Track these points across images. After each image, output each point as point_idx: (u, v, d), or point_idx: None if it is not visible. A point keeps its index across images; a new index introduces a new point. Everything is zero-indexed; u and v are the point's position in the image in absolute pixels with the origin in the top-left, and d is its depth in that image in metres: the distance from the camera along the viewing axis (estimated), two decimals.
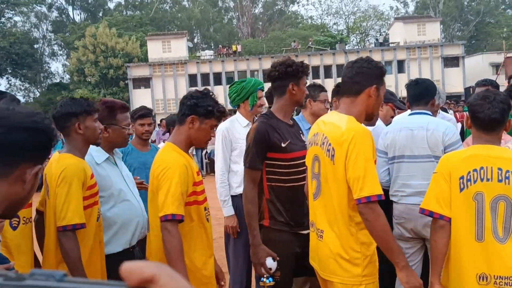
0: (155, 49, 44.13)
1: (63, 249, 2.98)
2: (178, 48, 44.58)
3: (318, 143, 3.15)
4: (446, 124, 4.02)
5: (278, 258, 3.41)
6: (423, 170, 3.64)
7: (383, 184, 3.59)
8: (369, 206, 2.83)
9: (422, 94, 4.21)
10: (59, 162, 3.07)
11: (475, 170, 2.78)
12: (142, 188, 3.94)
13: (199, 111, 3.08)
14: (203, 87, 3.62)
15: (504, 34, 57.21)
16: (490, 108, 2.82)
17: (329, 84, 24.66)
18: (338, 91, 4.75)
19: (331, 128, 3.08)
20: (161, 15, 63.05)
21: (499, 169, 2.75)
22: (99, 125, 3.23)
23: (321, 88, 4.88)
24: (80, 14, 63.91)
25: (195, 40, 63.79)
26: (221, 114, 3.23)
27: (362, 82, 3.08)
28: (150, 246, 3.23)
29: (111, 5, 65.14)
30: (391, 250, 2.84)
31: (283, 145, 3.50)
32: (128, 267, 0.63)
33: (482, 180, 2.76)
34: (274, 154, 3.49)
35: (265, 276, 3.44)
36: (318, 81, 38.05)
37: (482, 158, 2.81)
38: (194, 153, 16.94)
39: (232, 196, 4.36)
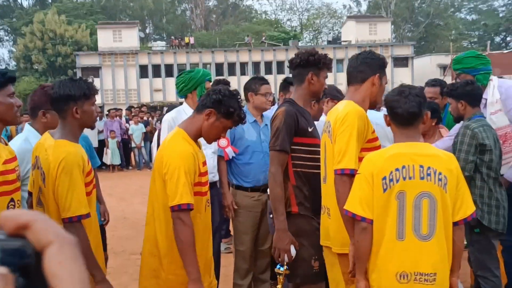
0: (106, 38, 43.89)
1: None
2: (129, 38, 44.38)
3: (325, 131, 3.37)
4: None
5: (297, 248, 3.47)
6: None
7: None
8: (343, 178, 3.08)
9: None
10: (57, 149, 3.00)
11: (397, 169, 2.83)
12: None
13: (221, 108, 3.09)
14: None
15: (452, 36, 58.75)
16: (407, 102, 2.89)
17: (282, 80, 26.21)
18: (285, 86, 5.06)
19: (333, 114, 3.31)
20: (112, 3, 62.32)
21: (421, 166, 2.81)
22: (96, 108, 3.27)
23: (263, 81, 4.91)
24: None
25: (147, 31, 64.03)
26: (239, 120, 3.22)
27: (366, 71, 3.33)
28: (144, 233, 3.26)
29: None
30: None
31: (309, 129, 3.58)
32: (4, 215, 0.63)
33: (404, 179, 2.81)
34: (301, 139, 3.54)
35: (284, 263, 3.48)
36: (271, 77, 39.27)
37: (404, 157, 2.86)
38: (143, 145, 17.99)
39: None
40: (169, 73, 42.64)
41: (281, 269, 3.45)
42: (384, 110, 3.62)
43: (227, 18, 66.32)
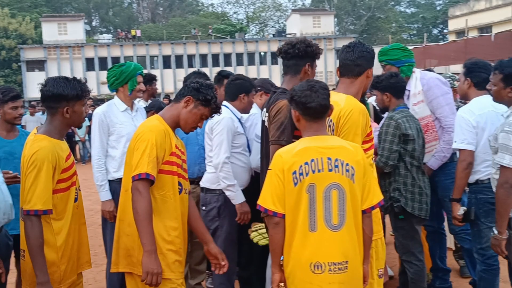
0: (51, 31, 44.02)
1: (25, 233, 2.97)
2: (75, 31, 44.72)
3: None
4: None
5: None
6: None
7: (258, 167, 3.93)
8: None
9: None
10: (33, 144, 3.01)
11: (306, 163, 2.83)
12: (15, 182, 3.62)
13: (198, 96, 3.14)
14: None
15: (393, 29, 60.76)
16: (318, 96, 2.88)
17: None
18: (220, 79, 4.94)
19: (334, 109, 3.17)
20: None
21: (329, 158, 2.82)
22: (86, 108, 3.21)
23: (206, 77, 4.92)
24: None
25: (93, 23, 63.82)
26: (216, 109, 3.26)
27: (363, 64, 3.41)
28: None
29: None
30: None
31: None
32: None
33: (313, 172, 2.81)
34: (299, 132, 3.36)
35: None
36: (218, 69, 40.22)
37: (312, 150, 2.86)
38: (87, 138, 17.55)
39: (110, 181, 4.30)
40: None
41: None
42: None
43: (174, 11, 66.58)
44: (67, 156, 3.16)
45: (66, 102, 3.07)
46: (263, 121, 3.69)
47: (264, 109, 3.66)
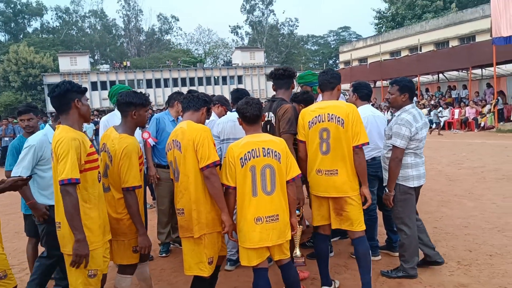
0: (65, 63, 43.19)
1: (127, 204, 2.87)
2: (83, 62, 43.95)
3: (324, 120, 3.28)
4: None
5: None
6: None
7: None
8: (361, 149, 3.27)
9: (240, 98, 3.93)
10: (122, 140, 2.89)
11: (248, 152, 2.85)
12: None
13: (207, 103, 3.13)
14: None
15: (303, 60, 61.25)
16: (252, 108, 2.93)
17: None
18: (176, 97, 4.75)
19: (334, 109, 3.28)
20: (69, 38, 60.59)
21: (263, 148, 2.86)
22: (147, 113, 3.20)
23: (183, 94, 4.39)
24: (5, 35, 60.00)
25: (96, 57, 62.48)
26: (208, 115, 3.24)
27: (335, 82, 3.43)
28: None
29: (30, 30, 61.50)
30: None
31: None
32: None
33: (253, 157, 2.85)
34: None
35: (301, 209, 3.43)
36: (185, 89, 40.99)
37: (252, 143, 2.88)
38: (94, 138, 16.31)
39: None
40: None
41: (297, 212, 3.27)
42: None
43: (153, 48, 65.70)
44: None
45: (134, 107, 2.97)
46: (268, 121, 3.61)
47: (269, 113, 3.60)
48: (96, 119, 19.33)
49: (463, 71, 20.16)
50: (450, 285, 3.61)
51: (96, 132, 17.44)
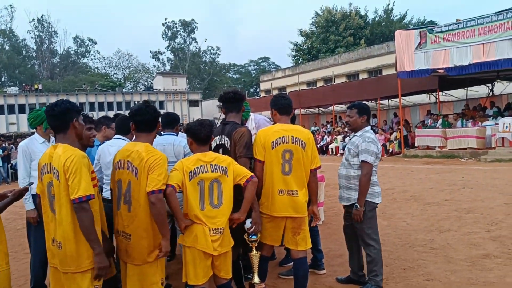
0: None
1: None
2: None
3: (288, 141, 3.38)
4: (184, 141, 3.95)
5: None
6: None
7: None
8: (316, 171, 3.48)
9: (171, 122, 4.46)
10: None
11: (197, 167, 2.96)
12: None
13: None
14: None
15: (225, 87, 60.01)
16: (205, 129, 3.07)
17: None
18: (103, 121, 4.65)
19: (297, 132, 3.42)
20: None
21: (211, 164, 3.00)
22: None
23: (113, 120, 4.54)
24: None
25: (3, 79, 58.44)
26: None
27: (291, 106, 3.64)
28: None
29: None
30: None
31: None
32: None
33: (202, 173, 2.96)
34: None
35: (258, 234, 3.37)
36: (103, 113, 39.65)
37: (201, 161, 2.99)
38: (1, 164, 16.62)
39: (32, 195, 3.90)
40: (22, 111, 39.86)
41: (254, 237, 3.34)
42: None
43: (68, 71, 62.77)
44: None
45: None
46: (221, 144, 3.54)
47: (222, 136, 3.53)
48: (4, 145, 18.25)
49: (372, 101, 21.82)
50: None
51: (4, 159, 16.90)
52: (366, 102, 24.43)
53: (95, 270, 2.58)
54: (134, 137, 3.23)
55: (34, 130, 4.34)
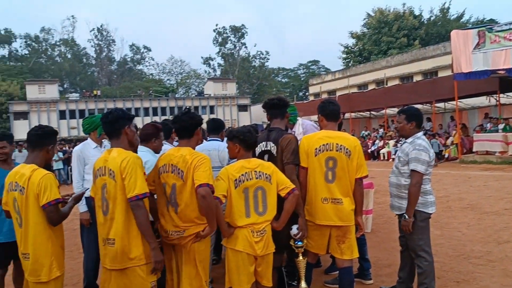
0: (33, 91, 41.99)
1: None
2: (51, 91, 43.09)
3: (332, 149, 3.31)
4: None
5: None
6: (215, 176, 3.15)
7: None
8: (362, 181, 3.40)
9: (216, 128, 4.48)
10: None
11: (242, 174, 2.99)
12: None
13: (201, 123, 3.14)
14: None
15: (274, 92, 61.05)
16: (253, 136, 3.14)
17: None
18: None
19: (342, 140, 3.34)
20: (38, 66, 59.54)
21: (255, 171, 3.02)
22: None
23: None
24: None
25: (65, 85, 61.47)
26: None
27: (340, 113, 3.59)
28: None
29: None
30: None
31: None
32: None
33: (246, 180, 3.01)
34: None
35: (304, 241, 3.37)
36: (157, 118, 40.94)
37: (246, 168, 3.02)
38: (62, 167, 17.46)
39: (86, 198, 3.82)
40: (82, 116, 41.00)
41: (300, 243, 3.36)
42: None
43: (125, 77, 65.17)
44: None
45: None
46: (266, 150, 3.52)
47: (268, 142, 3.50)
48: (64, 148, 19.12)
49: (427, 104, 21.00)
50: None
51: (65, 162, 17.64)
52: (420, 106, 23.67)
53: (152, 264, 2.68)
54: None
55: (88, 135, 4.48)
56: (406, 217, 3.61)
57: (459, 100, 18.16)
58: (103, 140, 4.53)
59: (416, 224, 3.63)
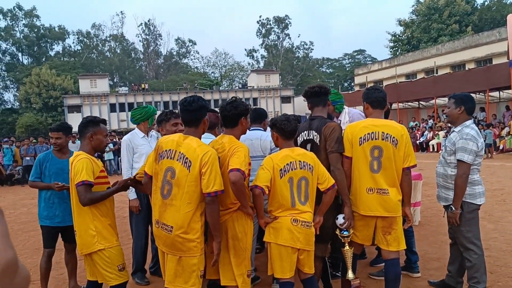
0: (85, 85, 43.45)
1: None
2: (102, 85, 44.33)
3: (377, 138, 3.20)
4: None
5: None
6: (259, 165, 3.17)
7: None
8: (410, 171, 3.26)
9: (258, 117, 4.34)
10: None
11: (287, 164, 2.97)
12: (63, 189, 3.73)
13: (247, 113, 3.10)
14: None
15: (318, 82, 60.84)
16: (291, 124, 3.07)
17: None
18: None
19: (388, 128, 3.21)
20: (89, 61, 61.84)
21: (299, 161, 2.98)
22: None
23: (173, 114, 4.18)
24: (28, 58, 61.40)
25: (115, 80, 63.40)
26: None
27: (386, 100, 3.45)
28: None
29: (52, 53, 62.93)
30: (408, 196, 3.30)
31: None
32: None
33: (291, 169, 2.98)
34: None
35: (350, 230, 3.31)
36: None
37: (290, 157, 2.99)
38: (112, 157, 18.01)
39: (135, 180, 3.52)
40: (131, 109, 41.13)
41: (346, 233, 3.30)
42: None
43: (171, 71, 66.36)
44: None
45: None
46: (309, 139, 3.45)
47: (310, 131, 3.44)
48: (114, 140, 19.86)
49: (480, 93, 20.01)
50: None
51: (114, 152, 18.37)
52: (473, 95, 22.68)
53: (214, 256, 2.75)
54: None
55: (136, 125, 4.55)
56: (453, 208, 3.50)
57: None
58: (150, 131, 4.61)
59: (464, 216, 3.52)
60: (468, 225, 3.55)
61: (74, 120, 37.93)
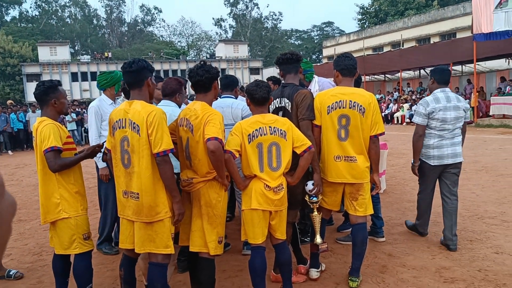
0: (44, 53, 42.04)
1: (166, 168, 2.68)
2: (63, 52, 42.99)
3: (345, 106, 3.24)
4: (242, 103, 4.05)
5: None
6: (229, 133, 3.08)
7: None
8: (378, 139, 3.31)
9: (229, 85, 4.35)
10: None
11: (256, 129, 2.95)
12: None
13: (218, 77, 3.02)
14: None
15: None
16: (261, 90, 3.01)
17: None
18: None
19: (356, 96, 3.25)
20: (49, 28, 59.13)
21: (270, 127, 2.96)
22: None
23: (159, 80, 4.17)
24: None
25: (76, 48, 61.25)
26: None
27: (356, 68, 3.43)
28: None
29: (8, 18, 59.57)
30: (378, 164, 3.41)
31: None
32: None
33: (261, 135, 2.96)
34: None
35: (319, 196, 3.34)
36: None
37: (260, 123, 2.98)
38: (75, 128, 17.55)
39: (103, 153, 3.40)
40: (93, 78, 41.22)
41: (315, 199, 3.35)
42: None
43: (136, 39, 64.60)
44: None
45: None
46: (281, 107, 3.41)
47: (282, 98, 3.40)
48: (77, 110, 19.23)
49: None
50: (432, 268, 3.71)
51: (77, 123, 17.97)
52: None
53: (175, 216, 2.74)
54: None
55: (103, 91, 4.44)
56: (412, 162, 4.29)
57: (477, 63, 17.68)
58: (117, 97, 4.52)
59: (419, 170, 4.31)
60: (420, 176, 4.37)
61: (33, 89, 36.77)
